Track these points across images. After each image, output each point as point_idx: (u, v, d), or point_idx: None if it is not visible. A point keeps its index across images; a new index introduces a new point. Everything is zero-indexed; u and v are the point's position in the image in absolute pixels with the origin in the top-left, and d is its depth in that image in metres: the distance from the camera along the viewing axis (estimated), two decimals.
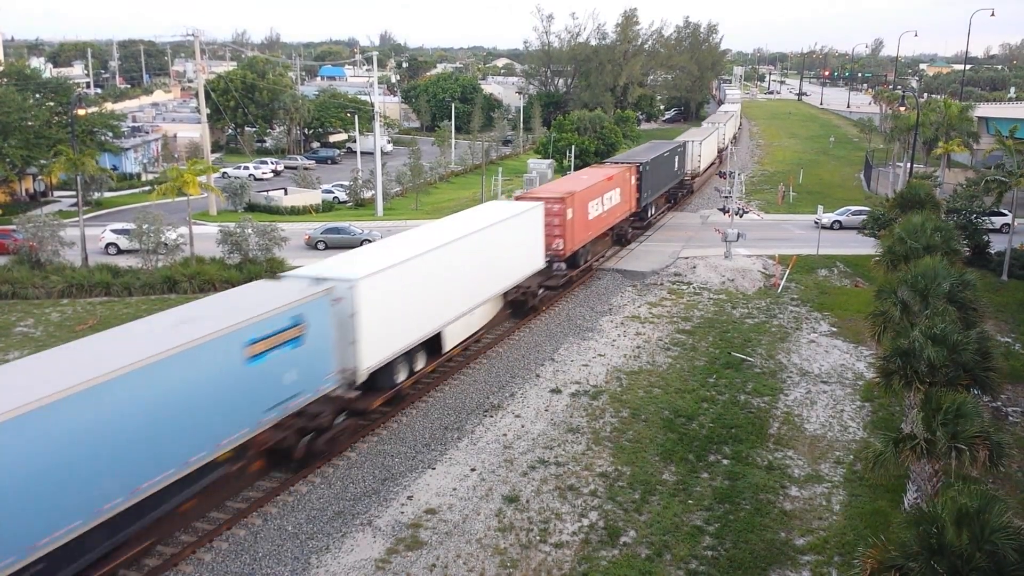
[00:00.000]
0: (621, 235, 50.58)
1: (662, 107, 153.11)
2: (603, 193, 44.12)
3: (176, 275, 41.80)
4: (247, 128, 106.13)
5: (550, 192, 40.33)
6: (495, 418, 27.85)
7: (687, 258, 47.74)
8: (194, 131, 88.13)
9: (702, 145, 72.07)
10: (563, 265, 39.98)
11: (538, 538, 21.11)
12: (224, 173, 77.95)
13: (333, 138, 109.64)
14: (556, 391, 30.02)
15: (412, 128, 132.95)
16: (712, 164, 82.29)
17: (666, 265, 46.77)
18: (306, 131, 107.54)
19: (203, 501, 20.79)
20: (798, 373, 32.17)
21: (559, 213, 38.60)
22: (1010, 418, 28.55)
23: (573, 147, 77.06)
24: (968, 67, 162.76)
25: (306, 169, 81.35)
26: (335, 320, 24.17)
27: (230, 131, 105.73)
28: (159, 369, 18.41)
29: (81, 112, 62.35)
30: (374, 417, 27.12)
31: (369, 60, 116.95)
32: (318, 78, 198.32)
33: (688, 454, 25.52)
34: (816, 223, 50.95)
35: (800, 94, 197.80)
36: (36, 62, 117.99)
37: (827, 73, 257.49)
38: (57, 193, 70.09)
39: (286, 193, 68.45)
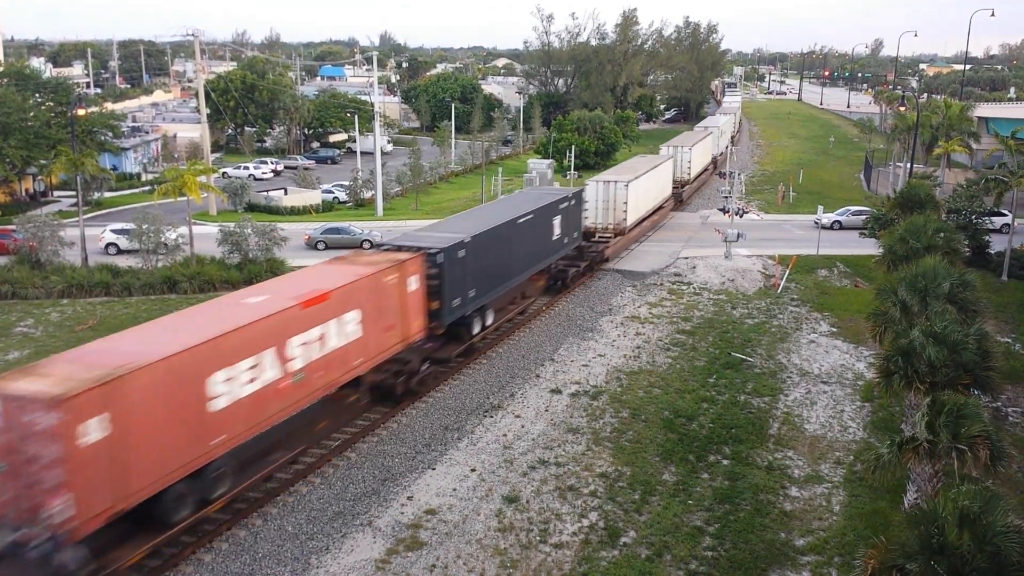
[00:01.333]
0: (388, 388, 27.76)
1: (662, 107, 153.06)
2: (285, 337, 22.13)
3: (176, 275, 41.78)
4: (247, 128, 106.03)
5: (29, 385, 16.96)
6: (495, 418, 27.85)
7: (687, 258, 47.73)
8: (194, 131, 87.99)
9: (628, 188, 45.99)
10: (71, 559, 17.02)
11: (538, 538, 21.11)
12: (224, 173, 77.86)
13: (333, 138, 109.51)
14: (556, 391, 30.01)
15: (412, 128, 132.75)
16: (659, 209, 55.86)
17: (666, 265, 46.76)
18: (306, 131, 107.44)
19: None
20: (798, 373, 32.17)
21: (54, 434, 16.39)
22: (1010, 418, 28.56)
23: (573, 147, 77.14)
24: (968, 67, 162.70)
25: (306, 169, 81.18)
26: None
27: (230, 131, 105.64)
28: None
29: (81, 112, 62.20)
30: None
31: (369, 60, 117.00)
32: (318, 78, 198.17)
33: (688, 454, 25.52)
34: (816, 223, 50.94)
35: (780, 93, 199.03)
36: (36, 62, 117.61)
37: (827, 73, 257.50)
38: (57, 193, 69.97)
39: (286, 193, 68.39)
